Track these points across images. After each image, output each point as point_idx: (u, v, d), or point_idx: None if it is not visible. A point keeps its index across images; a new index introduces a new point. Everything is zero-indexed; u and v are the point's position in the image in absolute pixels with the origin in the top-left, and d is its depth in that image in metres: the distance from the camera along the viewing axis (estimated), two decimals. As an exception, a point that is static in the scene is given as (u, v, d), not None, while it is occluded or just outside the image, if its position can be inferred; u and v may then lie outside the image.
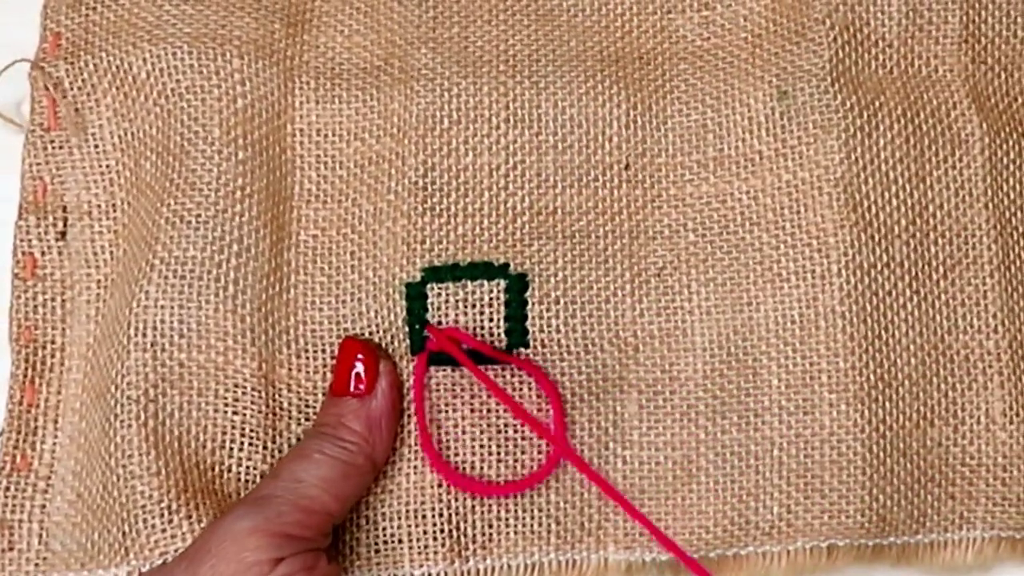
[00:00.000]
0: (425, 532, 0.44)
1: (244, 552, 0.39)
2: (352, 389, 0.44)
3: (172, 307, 0.44)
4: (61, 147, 0.48)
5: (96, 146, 0.48)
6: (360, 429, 0.43)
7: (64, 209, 0.47)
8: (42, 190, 0.48)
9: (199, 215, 0.45)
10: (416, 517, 0.45)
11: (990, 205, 0.47)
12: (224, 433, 0.44)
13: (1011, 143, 0.48)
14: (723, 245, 0.47)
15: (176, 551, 0.42)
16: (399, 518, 0.45)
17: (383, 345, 0.45)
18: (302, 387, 0.45)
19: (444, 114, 0.47)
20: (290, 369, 0.45)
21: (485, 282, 0.46)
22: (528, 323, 0.46)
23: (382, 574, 0.45)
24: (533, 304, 0.46)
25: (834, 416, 0.45)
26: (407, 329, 0.45)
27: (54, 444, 0.46)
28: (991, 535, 0.45)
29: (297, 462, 0.42)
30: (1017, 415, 0.46)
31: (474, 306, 0.46)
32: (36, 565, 0.44)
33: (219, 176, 0.46)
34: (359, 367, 0.44)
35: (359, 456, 0.42)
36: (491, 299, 0.46)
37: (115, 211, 0.47)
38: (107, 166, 0.48)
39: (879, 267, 0.46)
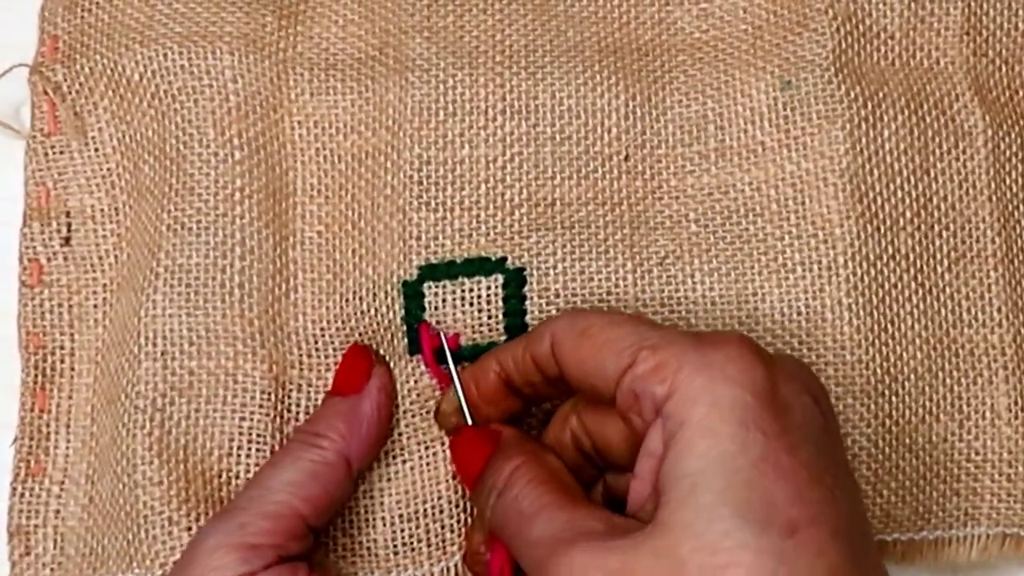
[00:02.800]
0: (443, 527, 0.44)
1: (210, 571, 0.39)
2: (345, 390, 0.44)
3: (180, 315, 0.44)
4: (62, 152, 0.48)
5: (96, 149, 0.48)
6: (340, 426, 0.42)
7: (68, 214, 0.48)
8: (45, 196, 0.48)
9: (199, 221, 0.45)
10: (434, 513, 0.44)
11: (993, 198, 0.46)
12: (231, 440, 0.44)
13: (1013, 136, 0.47)
14: (726, 236, 0.46)
15: (175, 563, 0.42)
16: (417, 518, 0.44)
17: (384, 344, 0.45)
18: (312, 386, 0.45)
19: (440, 106, 0.46)
20: (301, 370, 0.45)
21: (482, 278, 0.45)
22: (527, 317, 0.45)
23: (403, 575, 0.44)
24: (532, 297, 0.45)
25: (839, 409, 0.44)
26: (404, 328, 0.45)
27: (67, 448, 0.46)
28: (996, 532, 0.44)
29: (267, 470, 0.42)
30: (1022, 410, 0.45)
31: (472, 303, 0.45)
32: (52, 570, 0.45)
33: (216, 179, 0.45)
34: (354, 370, 0.44)
35: (330, 453, 0.42)
36: (489, 295, 0.45)
37: (118, 215, 0.47)
38: (108, 169, 0.48)
39: (884, 259, 0.45)
